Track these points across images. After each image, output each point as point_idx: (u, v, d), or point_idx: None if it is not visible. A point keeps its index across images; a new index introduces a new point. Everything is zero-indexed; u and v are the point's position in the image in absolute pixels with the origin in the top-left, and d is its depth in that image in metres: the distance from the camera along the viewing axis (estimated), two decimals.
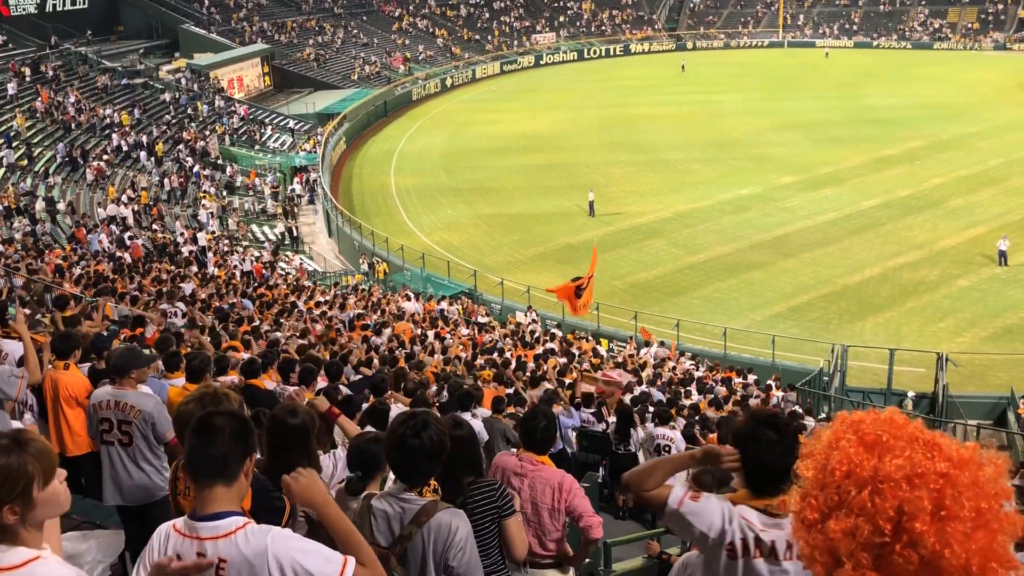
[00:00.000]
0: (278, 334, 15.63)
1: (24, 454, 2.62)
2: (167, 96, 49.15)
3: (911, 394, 21.26)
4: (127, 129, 41.77)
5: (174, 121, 46.27)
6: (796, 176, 41.03)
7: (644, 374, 18.82)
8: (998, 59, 78.57)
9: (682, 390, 17.50)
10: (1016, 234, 30.76)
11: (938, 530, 1.94)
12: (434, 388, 12.29)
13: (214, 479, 2.94)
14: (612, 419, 12.22)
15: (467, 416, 8.30)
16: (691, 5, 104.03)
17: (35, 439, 2.70)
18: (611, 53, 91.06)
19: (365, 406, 7.40)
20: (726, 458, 3.30)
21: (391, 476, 4.47)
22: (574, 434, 12.02)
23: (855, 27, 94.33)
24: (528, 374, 15.23)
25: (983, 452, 2.06)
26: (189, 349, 9.77)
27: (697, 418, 14.20)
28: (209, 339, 12.14)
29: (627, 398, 14.31)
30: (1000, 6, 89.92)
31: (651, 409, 13.36)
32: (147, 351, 8.03)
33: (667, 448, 11.19)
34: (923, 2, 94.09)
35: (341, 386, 9.38)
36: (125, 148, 39.98)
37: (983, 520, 1.96)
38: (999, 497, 2.00)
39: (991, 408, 21.05)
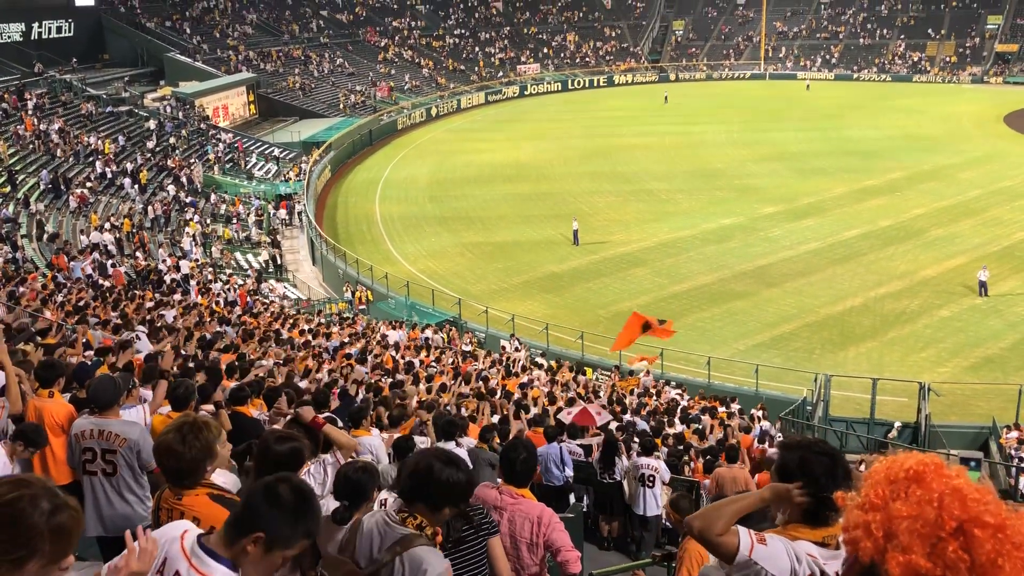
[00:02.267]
0: (262, 362, 15.54)
1: (48, 522, 2.38)
2: (152, 124, 49.12)
3: (897, 424, 21.32)
4: (110, 156, 41.69)
5: (159, 149, 46.22)
6: (778, 206, 41.37)
7: (628, 401, 18.81)
8: (976, 92, 79.82)
9: (666, 419, 17.48)
10: (996, 264, 31.08)
11: (996, 544, 2.02)
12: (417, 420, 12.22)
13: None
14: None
15: (451, 445, 8.27)
16: (674, 37, 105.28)
17: (71, 514, 2.46)
18: (595, 84, 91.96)
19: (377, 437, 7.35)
20: (796, 495, 3.20)
21: (392, 498, 4.49)
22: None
23: (835, 60, 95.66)
24: (512, 403, 15.19)
25: None
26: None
27: (681, 447, 14.20)
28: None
29: (613, 426, 14.30)
30: (977, 40, 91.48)
31: (636, 439, 13.34)
32: (126, 376, 7.96)
33: (651, 478, 11.17)
34: (902, 36, 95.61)
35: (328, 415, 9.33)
36: (109, 175, 39.87)
37: None
38: None
39: (973, 438, 21.13)
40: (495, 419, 13.19)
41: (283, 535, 2.87)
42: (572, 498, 11.19)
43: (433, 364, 20.69)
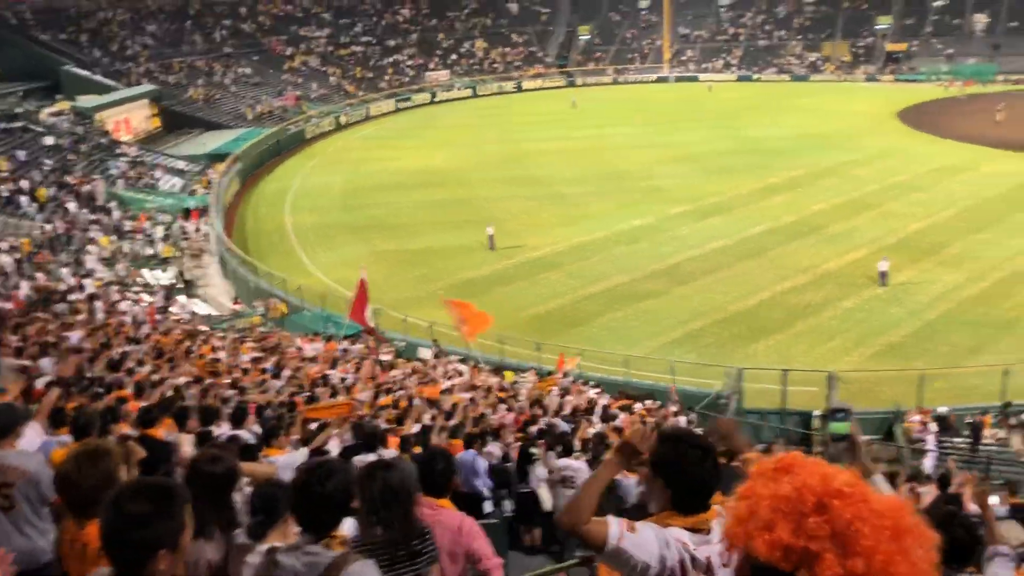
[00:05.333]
0: (173, 381, 15.13)
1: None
2: (49, 140, 47.38)
3: (816, 413, 21.83)
4: (6, 175, 40.05)
5: (57, 165, 44.61)
6: (686, 206, 42.20)
7: (547, 402, 18.90)
8: (870, 90, 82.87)
9: (584, 419, 17.62)
10: (895, 255, 32.31)
11: (855, 510, 2.06)
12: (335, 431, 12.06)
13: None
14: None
15: (371, 457, 8.19)
16: (580, 42, 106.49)
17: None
18: (504, 90, 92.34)
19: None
20: (642, 444, 3.30)
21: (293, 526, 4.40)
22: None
23: (736, 62, 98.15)
24: (433, 411, 15.12)
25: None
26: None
27: (603, 447, 14.32)
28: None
29: (534, 429, 14.37)
30: (870, 40, 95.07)
31: (556, 441, 13.40)
32: (29, 407, 7.67)
33: (571, 479, 11.25)
34: (799, 37, 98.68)
35: (245, 432, 9.15)
36: (6, 194, 38.30)
37: (899, 531, 2.07)
38: (916, 537, 2.11)
39: (880, 423, 21.92)
40: (415, 429, 13.11)
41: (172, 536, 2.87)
42: (489, 505, 11.13)
43: (350, 375, 20.44)
